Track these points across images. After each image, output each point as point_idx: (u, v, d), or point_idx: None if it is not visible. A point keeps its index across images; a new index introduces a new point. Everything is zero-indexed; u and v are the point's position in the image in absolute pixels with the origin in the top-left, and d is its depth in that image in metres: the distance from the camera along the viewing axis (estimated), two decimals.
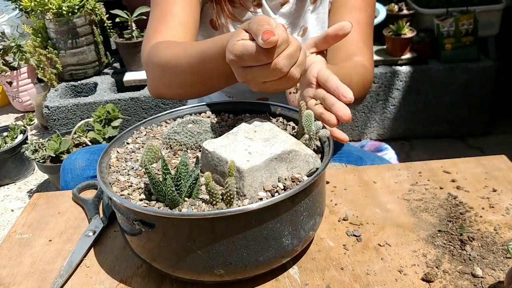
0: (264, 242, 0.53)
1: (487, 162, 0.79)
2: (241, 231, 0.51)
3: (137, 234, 0.56)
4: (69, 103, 2.11)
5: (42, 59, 2.16)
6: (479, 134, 2.25)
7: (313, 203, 0.57)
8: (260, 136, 0.59)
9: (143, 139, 0.70)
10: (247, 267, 0.54)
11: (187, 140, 0.65)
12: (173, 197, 0.54)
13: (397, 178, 0.76)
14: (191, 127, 0.67)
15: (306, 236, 0.57)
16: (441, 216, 0.68)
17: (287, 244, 0.55)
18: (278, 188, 0.54)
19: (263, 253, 0.54)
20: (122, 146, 0.69)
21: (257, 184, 0.54)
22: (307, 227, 0.57)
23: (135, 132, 0.71)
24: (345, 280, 0.58)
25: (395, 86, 2.14)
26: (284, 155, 0.56)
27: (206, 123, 0.68)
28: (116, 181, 0.60)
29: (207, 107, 0.75)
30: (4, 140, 2.17)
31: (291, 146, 0.57)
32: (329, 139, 0.61)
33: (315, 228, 0.59)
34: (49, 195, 0.80)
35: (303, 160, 0.57)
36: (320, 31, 0.95)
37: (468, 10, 2.11)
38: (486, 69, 2.10)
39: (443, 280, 0.56)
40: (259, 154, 0.55)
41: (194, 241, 0.52)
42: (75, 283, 0.61)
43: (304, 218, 0.56)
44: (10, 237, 0.71)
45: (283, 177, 0.56)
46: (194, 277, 0.55)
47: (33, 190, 2.16)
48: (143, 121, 0.73)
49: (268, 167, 0.55)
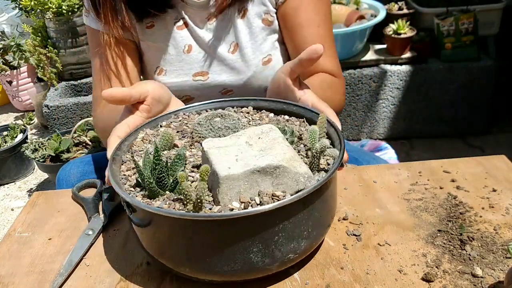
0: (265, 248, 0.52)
1: (487, 162, 0.79)
2: (241, 236, 0.51)
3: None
4: (69, 102, 2.11)
5: (42, 58, 2.15)
6: (479, 133, 2.25)
7: (293, 225, 0.53)
8: (260, 144, 0.57)
9: (176, 124, 0.70)
10: (250, 272, 0.54)
11: (206, 133, 0.64)
12: (151, 188, 0.55)
13: (397, 178, 0.76)
14: (217, 121, 0.66)
15: (283, 257, 0.54)
16: (441, 216, 0.68)
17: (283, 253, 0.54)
18: (253, 202, 0.52)
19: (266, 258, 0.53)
20: (154, 128, 0.70)
21: (234, 193, 0.52)
22: (284, 249, 0.53)
23: (172, 117, 0.72)
24: (345, 280, 0.58)
25: (395, 85, 2.14)
26: (269, 169, 0.52)
27: (233, 119, 0.66)
28: (128, 160, 0.62)
29: (249, 102, 0.73)
30: (4, 140, 2.17)
31: (280, 161, 0.53)
32: (335, 159, 0.58)
33: (298, 252, 0.55)
34: (49, 194, 0.80)
35: (292, 178, 0.53)
36: (253, 45, 0.93)
37: (468, 9, 2.10)
38: (486, 68, 2.10)
39: (443, 280, 0.56)
40: (244, 163, 0.53)
41: (174, 238, 0.53)
42: (75, 282, 0.61)
43: (280, 239, 0.53)
44: (10, 236, 0.71)
45: (264, 191, 0.53)
46: (196, 275, 0.55)
47: (33, 189, 2.16)
48: (185, 106, 0.74)
49: (249, 178, 0.52)
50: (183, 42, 0.93)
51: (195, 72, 0.94)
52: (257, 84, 0.95)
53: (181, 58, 0.93)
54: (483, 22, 2.12)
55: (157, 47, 0.93)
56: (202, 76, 0.94)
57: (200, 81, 0.94)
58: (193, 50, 0.93)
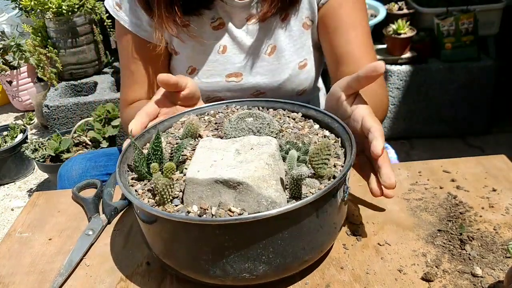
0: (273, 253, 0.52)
1: (487, 161, 0.79)
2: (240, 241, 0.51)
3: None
4: (69, 102, 2.11)
5: (42, 58, 2.15)
6: (479, 133, 2.25)
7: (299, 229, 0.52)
8: (246, 155, 0.54)
9: (222, 115, 0.71)
10: (256, 277, 0.53)
11: (230, 131, 0.64)
12: (138, 171, 0.58)
13: (397, 178, 0.76)
14: (246, 121, 0.64)
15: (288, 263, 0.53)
16: (441, 215, 0.68)
17: (301, 255, 0.54)
18: (208, 211, 0.51)
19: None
20: (199, 115, 0.72)
21: (196, 197, 0.52)
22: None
23: (224, 108, 0.73)
24: (345, 280, 0.58)
25: (395, 85, 2.14)
26: (232, 182, 0.50)
27: (263, 123, 0.64)
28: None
29: (302, 108, 0.71)
30: (4, 140, 2.17)
31: (245, 178, 0.50)
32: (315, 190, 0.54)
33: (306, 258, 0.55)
34: (49, 194, 0.80)
35: (254, 198, 0.50)
36: (291, 49, 0.92)
37: (468, 9, 2.10)
38: (486, 68, 2.10)
39: (442, 280, 0.56)
40: (213, 171, 0.52)
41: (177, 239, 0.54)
42: (75, 282, 0.61)
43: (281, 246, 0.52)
44: (10, 236, 0.71)
45: (225, 204, 0.51)
46: (198, 277, 0.55)
47: (33, 189, 2.16)
48: (237, 100, 0.74)
49: (211, 187, 0.51)
50: (218, 42, 0.91)
51: (228, 73, 0.93)
52: (291, 88, 0.95)
53: (215, 58, 0.92)
54: (483, 22, 2.13)
55: (191, 46, 0.92)
56: (236, 77, 0.93)
57: (233, 82, 0.93)
58: (228, 51, 0.92)
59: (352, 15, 0.89)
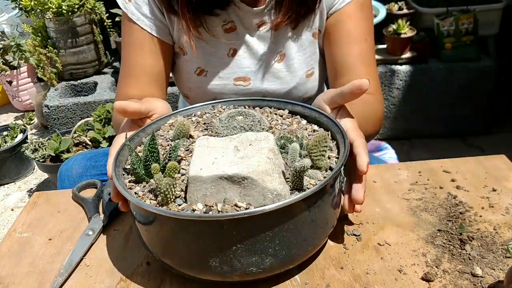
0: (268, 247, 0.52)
1: (487, 161, 0.79)
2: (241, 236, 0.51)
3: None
4: (69, 102, 2.11)
5: (42, 58, 2.15)
6: (479, 134, 2.25)
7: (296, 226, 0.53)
8: (245, 151, 0.55)
9: (209, 116, 0.71)
10: (252, 274, 0.54)
11: (222, 129, 0.64)
12: (135, 173, 0.58)
13: (397, 178, 0.76)
14: (237, 120, 0.65)
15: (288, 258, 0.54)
16: (441, 215, 0.68)
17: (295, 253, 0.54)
18: (214, 208, 0.52)
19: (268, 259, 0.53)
20: (186, 116, 0.72)
21: (200, 195, 0.52)
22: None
23: (211, 108, 0.73)
24: (345, 280, 0.58)
25: (395, 85, 2.14)
26: (236, 178, 0.51)
27: (253, 120, 0.65)
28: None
29: (288, 105, 0.71)
30: (4, 140, 2.17)
31: (249, 173, 0.51)
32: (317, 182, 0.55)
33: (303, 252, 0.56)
34: (49, 194, 0.80)
35: (259, 192, 0.51)
36: (300, 58, 0.93)
37: (468, 9, 2.10)
38: (486, 68, 2.10)
39: (442, 280, 0.56)
40: (216, 168, 0.52)
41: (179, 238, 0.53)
42: (75, 282, 0.61)
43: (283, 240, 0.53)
44: (10, 236, 0.71)
45: (230, 199, 0.52)
46: (203, 276, 0.55)
47: (33, 189, 2.16)
48: (227, 99, 0.74)
49: (215, 184, 0.52)
50: (228, 45, 0.91)
51: (236, 76, 0.93)
52: (297, 95, 0.95)
53: (224, 61, 0.92)
54: (483, 22, 2.13)
55: (201, 47, 0.91)
56: (244, 81, 0.93)
57: (241, 86, 0.93)
58: (237, 55, 0.92)
59: (358, 27, 0.90)
